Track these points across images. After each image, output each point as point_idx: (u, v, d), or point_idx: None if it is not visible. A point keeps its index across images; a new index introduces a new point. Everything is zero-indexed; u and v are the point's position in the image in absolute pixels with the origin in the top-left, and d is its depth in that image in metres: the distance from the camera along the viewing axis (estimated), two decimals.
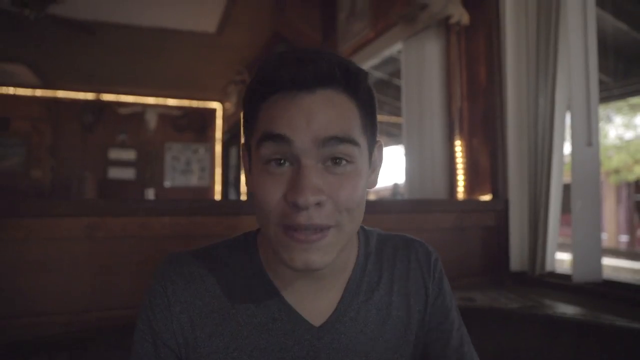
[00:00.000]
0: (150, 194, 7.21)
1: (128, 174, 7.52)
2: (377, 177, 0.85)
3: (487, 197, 2.20)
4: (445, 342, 0.90)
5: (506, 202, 2.04)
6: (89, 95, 7.17)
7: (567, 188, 1.93)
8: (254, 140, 0.76)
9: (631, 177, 9.26)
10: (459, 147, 2.43)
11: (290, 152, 0.71)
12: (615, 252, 8.56)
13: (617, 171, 9.34)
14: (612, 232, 10.21)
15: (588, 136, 1.87)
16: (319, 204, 0.71)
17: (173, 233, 1.50)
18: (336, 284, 0.86)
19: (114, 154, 7.49)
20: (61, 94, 6.98)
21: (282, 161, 0.72)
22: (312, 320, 0.83)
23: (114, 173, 7.46)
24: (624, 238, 10.32)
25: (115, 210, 1.45)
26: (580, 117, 1.86)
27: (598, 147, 1.88)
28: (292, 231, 0.72)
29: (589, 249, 1.81)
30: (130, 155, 7.60)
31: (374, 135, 0.81)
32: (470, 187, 2.31)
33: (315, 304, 0.84)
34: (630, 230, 10.56)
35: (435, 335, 0.91)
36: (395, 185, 6.35)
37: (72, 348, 1.21)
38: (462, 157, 2.41)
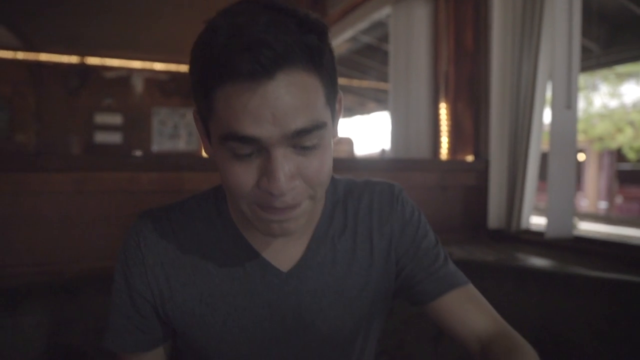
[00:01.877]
0: None
1: (115, 138, 7.45)
2: (337, 129, 0.84)
3: (469, 158, 2.26)
4: (422, 265, 0.93)
5: (487, 163, 2.11)
6: (73, 59, 7.00)
7: (545, 156, 1.99)
8: (215, 129, 0.73)
9: (613, 145, 9.43)
10: (443, 109, 2.47)
11: (258, 146, 0.70)
12: (594, 217, 8.82)
13: (600, 139, 9.49)
14: (592, 198, 10.48)
15: (567, 99, 1.93)
16: (293, 188, 0.72)
17: (160, 188, 1.54)
18: (304, 233, 0.89)
19: (100, 118, 7.40)
20: (44, 57, 6.80)
21: (251, 153, 0.71)
22: (280, 266, 0.87)
23: (100, 137, 7.38)
24: (603, 204, 10.60)
25: (103, 165, 1.48)
26: (561, 80, 1.91)
27: (576, 111, 1.94)
28: (267, 208, 0.73)
29: (562, 207, 1.90)
30: (116, 119, 7.51)
31: (335, 94, 0.78)
32: (453, 149, 2.37)
33: (283, 251, 0.88)
34: (610, 197, 10.85)
35: (411, 262, 0.94)
36: (383, 152, 6.40)
37: (64, 293, 1.27)
38: (446, 119, 2.45)
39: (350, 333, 0.93)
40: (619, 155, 10.16)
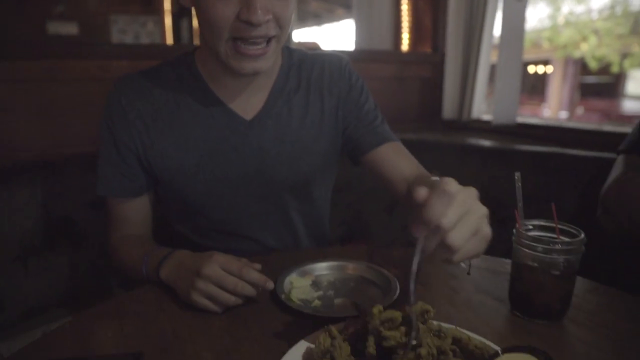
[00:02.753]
0: None
1: None
2: None
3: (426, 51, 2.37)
4: (363, 123, 1.12)
5: (443, 56, 2.23)
6: None
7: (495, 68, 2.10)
8: None
9: (577, 54, 9.61)
10: (405, 6, 2.52)
11: None
12: None
13: (565, 47, 9.63)
14: (554, 107, 10.84)
15: None
16: (267, 21, 0.87)
17: None
18: (264, 87, 1.06)
19: (53, 28, 6.97)
20: None
21: None
22: (244, 115, 1.05)
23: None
24: (564, 114, 11.00)
25: (75, 53, 1.52)
26: None
27: (526, 4, 2.04)
28: (241, 46, 0.89)
29: (508, 96, 2.07)
30: (71, 29, 7.09)
31: None
32: (413, 44, 2.46)
33: (247, 103, 1.05)
34: (571, 108, 11.24)
35: (354, 120, 1.13)
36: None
37: (49, 171, 1.38)
38: (407, 16, 2.51)
39: (306, 179, 1.11)
40: (583, 66, 10.37)
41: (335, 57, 1.14)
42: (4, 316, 1.24)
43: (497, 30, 2.16)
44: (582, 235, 0.76)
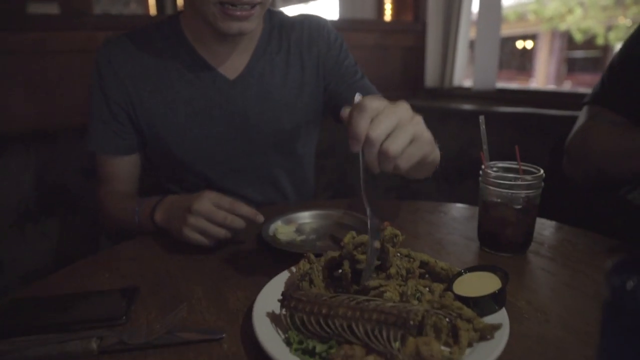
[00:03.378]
0: None
1: None
2: None
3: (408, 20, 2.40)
4: (344, 79, 1.18)
5: (424, 25, 2.27)
6: None
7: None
8: None
9: (562, 27, 9.63)
10: None
11: None
12: None
13: (550, 19, 9.65)
14: (541, 81, 10.90)
15: None
16: None
17: None
18: (246, 49, 1.11)
19: (33, 8, 6.84)
20: None
21: None
22: (228, 75, 1.10)
23: None
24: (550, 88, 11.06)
25: (60, 25, 1.54)
26: None
27: None
28: (228, 8, 0.93)
29: (487, 63, 2.12)
30: (52, 10, 6.97)
31: None
32: (396, 14, 2.49)
33: (231, 64, 1.10)
34: (557, 82, 11.31)
35: (335, 77, 1.18)
36: None
37: (41, 141, 1.42)
38: None
39: (289, 136, 1.17)
40: (569, 40, 10.40)
41: (314, 18, 1.19)
42: (4, 279, 1.29)
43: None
44: (541, 172, 0.82)
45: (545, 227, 1.00)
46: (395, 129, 0.60)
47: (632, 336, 0.29)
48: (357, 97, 0.65)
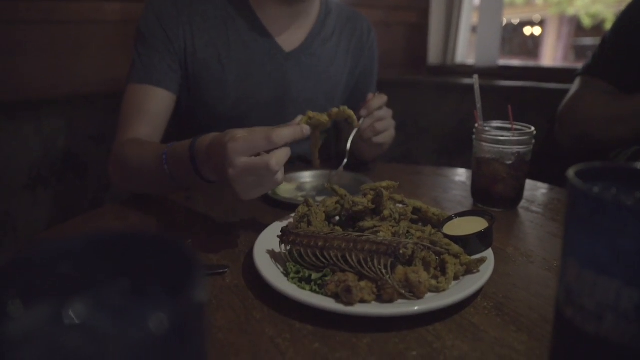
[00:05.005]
0: None
1: None
2: None
3: None
4: (365, 85, 1.30)
5: (428, 1, 2.27)
6: None
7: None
8: None
9: (570, 11, 9.52)
10: None
11: None
12: None
13: (558, 3, 9.52)
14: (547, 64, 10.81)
15: None
16: None
17: (125, 18, 1.66)
18: (304, 26, 1.16)
19: None
20: None
21: None
22: (284, 47, 1.14)
23: None
24: None
25: None
26: None
27: None
28: None
29: (490, 41, 2.13)
30: None
31: None
32: None
33: (288, 35, 1.15)
34: None
35: (357, 82, 1.30)
36: None
37: (52, 108, 1.46)
38: None
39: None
40: (577, 26, 10.27)
41: (366, 24, 1.28)
42: (16, 240, 1.34)
43: None
44: (532, 129, 0.85)
45: (537, 188, 1.03)
46: (386, 120, 1.02)
47: (585, 224, 0.33)
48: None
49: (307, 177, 1.05)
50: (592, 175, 0.36)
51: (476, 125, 0.90)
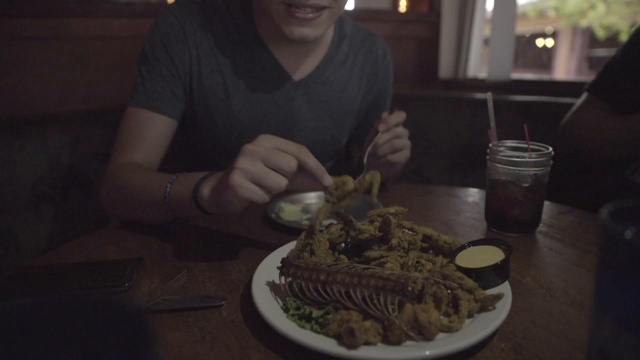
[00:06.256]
0: None
1: None
2: None
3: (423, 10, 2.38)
4: (378, 110, 1.24)
5: (439, 15, 2.24)
6: None
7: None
8: None
9: (584, 23, 9.43)
10: None
11: None
12: None
13: (570, 15, 9.46)
14: (560, 77, 10.70)
15: None
16: None
17: (132, 34, 1.65)
18: (317, 53, 1.10)
19: None
20: None
21: None
22: (293, 75, 1.09)
23: None
24: None
25: (77, 11, 1.57)
26: None
27: None
28: (293, 9, 0.88)
29: (502, 55, 2.09)
30: None
31: None
32: (410, 5, 2.47)
33: (298, 63, 1.09)
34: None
35: (374, 105, 1.25)
36: None
37: (57, 124, 1.45)
38: None
39: (324, 147, 1.20)
40: (591, 37, 10.17)
41: (382, 47, 1.22)
42: (19, 257, 1.32)
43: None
44: (550, 150, 0.80)
45: (554, 210, 0.98)
46: (403, 138, 0.99)
47: (624, 279, 0.28)
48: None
49: (312, 198, 1.01)
50: (628, 215, 0.32)
51: (490, 145, 0.85)
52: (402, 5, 2.45)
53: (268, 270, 0.65)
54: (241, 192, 0.63)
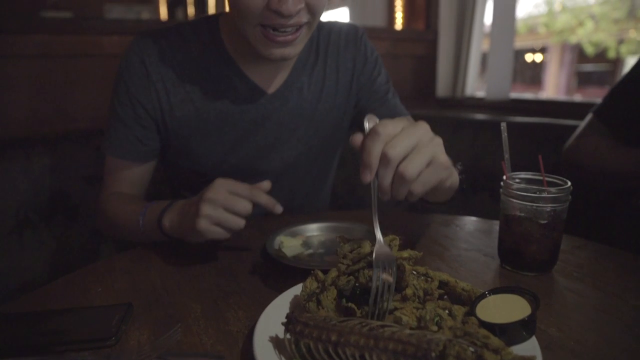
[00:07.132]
0: None
1: None
2: None
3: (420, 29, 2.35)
4: (375, 96, 1.12)
5: (436, 33, 2.22)
6: None
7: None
8: None
9: (573, 39, 9.56)
10: None
11: None
12: None
13: (561, 32, 9.59)
14: (551, 93, 10.81)
15: None
16: (298, 11, 0.82)
17: (123, 52, 1.60)
18: (288, 62, 1.03)
19: (48, 15, 6.91)
20: None
21: None
22: (266, 89, 1.03)
23: None
24: None
25: (68, 28, 1.51)
26: None
27: None
28: (273, 34, 0.83)
29: (501, 73, 2.06)
30: (66, 16, 7.04)
31: None
32: (407, 23, 2.45)
33: (270, 76, 1.03)
34: (567, 95, 11.22)
35: (367, 94, 1.12)
36: None
37: (43, 146, 1.38)
38: None
39: (316, 154, 1.12)
40: (580, 53, 10.32)
41: (351, 28, 1.13)
42: (1, 288, 1.24)
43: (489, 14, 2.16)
44: (569, 184, 0.76)
45: (567, 244, 0.93)
46: (413, 150, 0.56)
47: None
48: (368, 123, 0.61)
49: (313, 230, 0.96)
50: None
51: (504, 177, 0.80)
52: (399, 23, 2.43)
53: (271, 322, 0.59)
54: (207, 235, 0.76)
